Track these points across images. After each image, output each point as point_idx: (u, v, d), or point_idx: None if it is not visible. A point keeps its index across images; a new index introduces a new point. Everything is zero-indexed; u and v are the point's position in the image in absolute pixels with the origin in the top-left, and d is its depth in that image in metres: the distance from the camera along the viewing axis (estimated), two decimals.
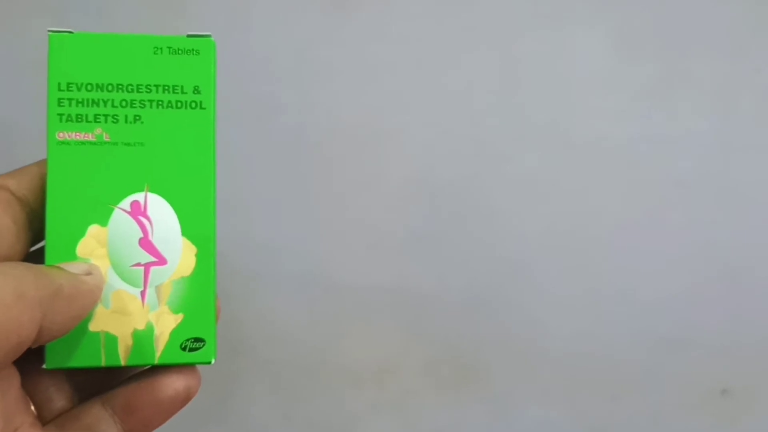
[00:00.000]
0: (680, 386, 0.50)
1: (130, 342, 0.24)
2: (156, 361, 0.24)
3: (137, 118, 0.25)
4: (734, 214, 0.50)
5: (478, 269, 0.49)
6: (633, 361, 0.50)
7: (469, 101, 0.48)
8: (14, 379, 0.23)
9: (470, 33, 0.48)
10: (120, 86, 0.25)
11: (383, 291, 0.48)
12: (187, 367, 0.25)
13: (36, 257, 0.25)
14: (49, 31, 0.25)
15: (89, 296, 0.23)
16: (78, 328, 0.24)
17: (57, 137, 0.24)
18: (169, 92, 0.25)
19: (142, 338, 0.24)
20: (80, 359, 0.24)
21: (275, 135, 0.47)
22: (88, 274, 0.23)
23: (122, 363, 0.24)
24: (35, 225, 0.24)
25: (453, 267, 0.49)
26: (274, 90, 0.47)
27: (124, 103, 0.25)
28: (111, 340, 0.24)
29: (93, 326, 0.24)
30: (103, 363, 0.24)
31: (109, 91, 0.25)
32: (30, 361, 0.23)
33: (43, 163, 0.25)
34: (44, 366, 0.23)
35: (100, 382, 0.26)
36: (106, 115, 0.25)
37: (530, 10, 0.48)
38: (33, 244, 0.25)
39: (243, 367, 0.48)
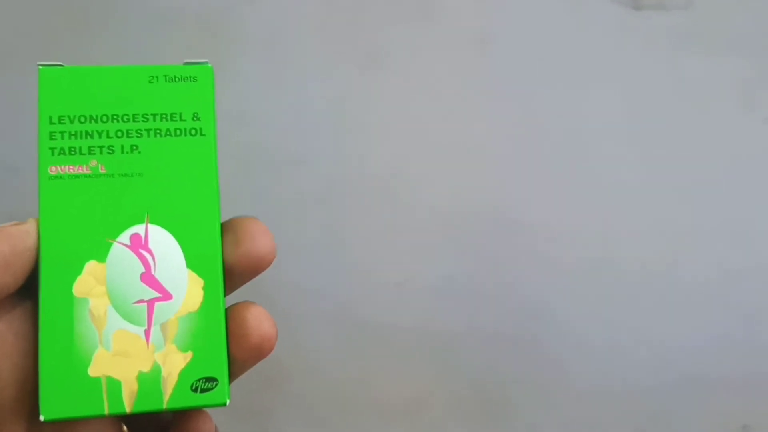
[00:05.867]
0: (702, 423, 0.51)
1: (135, 386, 0.22)
2: (165, 406, 0.22)
3: (134, 147, 0.24)
4: (752, 258, 0.52)
5: (504, 309, 0.51)
6: (654, 398, 0.50)
7: (492, 150, 0.51)
8: None
9: (491, 88, 0.52)
10: (115, 116, 0.24)
11: (412, 329, 0.50)
12: (199, 410, 0.23)
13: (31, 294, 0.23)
14: (39, 64, 0.24)
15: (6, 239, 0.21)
16: (76, 374, 0.21)
17: (49, 172, 0.23)
18: (167, 120, 0.24)
19: (149, 381, 0.22)
20: (80, 408, 0.21)
21: (308, 183, 0.50)
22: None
23: (127, 410, 0.22)
24: None
25: (479, 306, 0.50)
26: (307, 141, 0.50)
27: (119, 134, 0.24)
28: (114, 385, 0.22)
29: (93, 371, 0.22)
30: (106, 411, 0.22)
31: (103, 122, 0.24)
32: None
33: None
34: (41, 417, 0.21)
35: None
36: (101, 147, 0.23)
37: (547, 69, 0.52)
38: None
39: (276, 402, 0.48)
